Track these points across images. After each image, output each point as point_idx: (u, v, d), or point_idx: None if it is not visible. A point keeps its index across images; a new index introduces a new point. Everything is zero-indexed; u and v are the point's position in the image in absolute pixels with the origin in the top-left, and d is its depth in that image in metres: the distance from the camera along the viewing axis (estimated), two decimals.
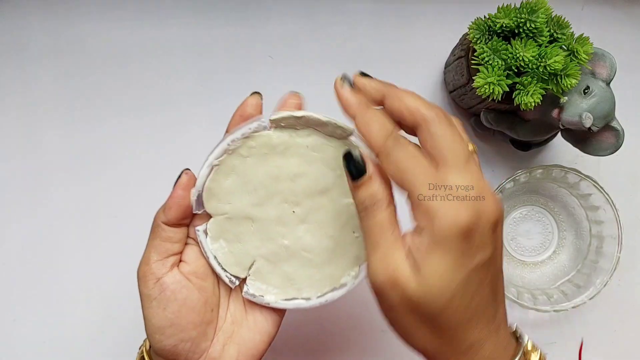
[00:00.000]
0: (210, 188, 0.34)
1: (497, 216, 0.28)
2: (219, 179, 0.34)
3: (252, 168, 0.34)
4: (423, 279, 0.27)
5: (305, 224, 0.35)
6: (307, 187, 0.34)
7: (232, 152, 0.34)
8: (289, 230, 0.35)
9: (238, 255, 0.35)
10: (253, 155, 0.34)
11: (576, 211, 0.53)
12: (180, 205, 0.33)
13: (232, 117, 0.35)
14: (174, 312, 0.33)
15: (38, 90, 0.51)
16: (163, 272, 0.33)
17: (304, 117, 0.33)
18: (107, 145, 0.52)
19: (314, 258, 0.35)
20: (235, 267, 0.35)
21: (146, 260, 0.34)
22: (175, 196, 0.33)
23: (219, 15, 0.53)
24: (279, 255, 0.35)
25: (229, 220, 0.35)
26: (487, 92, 0.42)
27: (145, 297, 0.33)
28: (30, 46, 0.52)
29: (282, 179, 0.34)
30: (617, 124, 0.44)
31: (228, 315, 0.36)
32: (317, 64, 0.54)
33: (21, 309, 0.50)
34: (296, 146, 0.34)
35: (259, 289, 0.35)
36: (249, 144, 0.33)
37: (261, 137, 0.33)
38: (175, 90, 0.52)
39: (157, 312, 0.33)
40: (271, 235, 0.35)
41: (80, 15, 0.52)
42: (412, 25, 0.54)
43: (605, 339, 0.54)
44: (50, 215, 0.51)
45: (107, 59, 0.52)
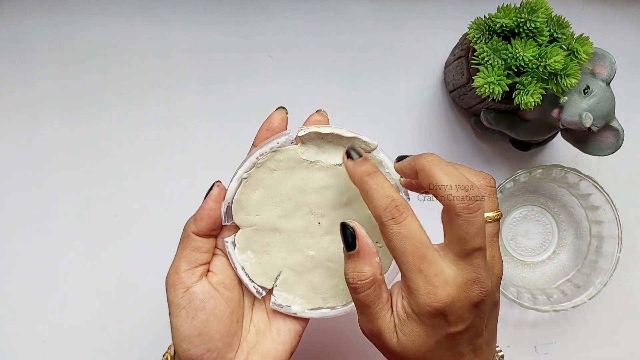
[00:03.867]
0: (239, 200, 0.35)
1: (481, 298, 0.30)
2: (247, 192, 0.35)
3: (279, 181, 0.35)
4: (400, 340, 0.31)
5: (330, 235, 0.36)
6: (331, 199, 0.35)
7: (261, 166, 0.35)
8: (315, 241, 0.36)
9: (265, 266, 0.36)
10: (280, 168, 0.35)
11: (576, 211, 0.53)
12: (211, 216, 0.34)
13: (258, 130, 0.36)
14: (202, 322, 0.33)
15: (38, 90, 0.51)
16: (192, 281, 0.34)
17: (330, 133, 0.34)
18: (107, 145, 0.52)
19: (338, 268, 0.36)
20: (262, 278, 0.36)
21: (175, 269, 0.34)
22: (207, 208, 0.34)
23: (219, 15, 0.53)
24: (304, 265, 0.36)
25: (257, 231, 0.36)
26: (487, 91, 0.42)
27: (174, 305, 0.34)
28: (30, 46, 0.52)
29: (308, 192, 0.35)
30: (617, 124, 0.44)
31: (251, 326, 0.36)
32: (317, 63, 0.54)
33: (21, 309, 0.50)
34: (322, 160, 0.35)
35: (286, 299, 0.36)
36: (277, 157, 0.35)
37: (288, 151, 0.35)
38: (175, 90, 0.52)
39: (186, 321, 0.33)
40: (297, 246, 0.36)
41: (81, 15, 0.52)
42: (412, 25, 0.54)
43: (605, 339, 0.54)
44: (50, 215, 0.51)
45: (107, 59, 0.52)
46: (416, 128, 0.54)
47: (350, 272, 0.31)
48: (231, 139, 0.53)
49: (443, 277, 0.30)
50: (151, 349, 0.50)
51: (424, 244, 0.30)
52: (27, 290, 0.50)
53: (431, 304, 0.30)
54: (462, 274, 0.30)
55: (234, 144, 0.53)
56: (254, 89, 0.53)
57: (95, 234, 0.51)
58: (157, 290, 0.50)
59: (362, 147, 0.35)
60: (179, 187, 0.52)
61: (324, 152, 0.35)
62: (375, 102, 0.54)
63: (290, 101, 0.53)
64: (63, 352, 0.50)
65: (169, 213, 0.51)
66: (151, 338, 0.50)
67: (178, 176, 0.52)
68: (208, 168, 0.52)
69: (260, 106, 0.53)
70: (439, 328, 0.30)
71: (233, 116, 0.53)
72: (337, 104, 0.53)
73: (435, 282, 0.30)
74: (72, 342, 0.50)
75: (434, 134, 0.54)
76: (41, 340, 0.50)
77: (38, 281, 0.50)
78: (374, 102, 0.54)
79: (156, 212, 0.51)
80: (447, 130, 0.54)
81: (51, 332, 0.50)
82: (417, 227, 0.30)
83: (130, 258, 0.51)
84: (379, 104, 0.54)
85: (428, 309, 0.30)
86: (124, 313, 0.50)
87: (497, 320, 0.34)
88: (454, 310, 0.30)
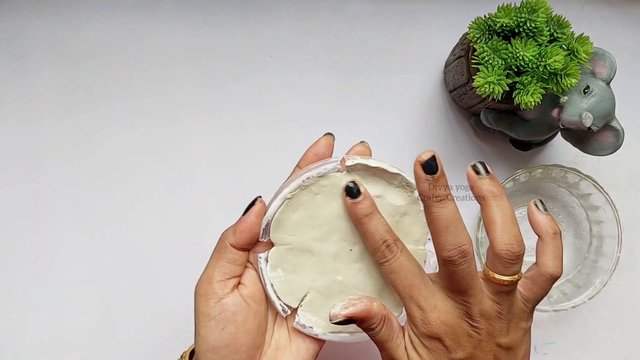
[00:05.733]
0: (278, 219, 0.36)
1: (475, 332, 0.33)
2: (287, 212, 0.36)
3: (320, 205, 0.36)
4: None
5: (359, 263, 0.37)
6: None
7: (305, 189, 0.36)
8: (344, 267, 0.37)
9: (293, 285, 0.37)
10: (323, 193, 0.36)
11: (576, 211, 0.53)
12: (251, 231, 0.35)
13: (305, 153, 0.38)
14: (231, 334, 0.34)
15: (37, 89, 0.51)
16: (225, 292, 0.34)
17: (376, 167, 0.35)
18: (107, 144, 0.52)
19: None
20: (289, 297, 0.37)
21: (209, 279, 0.35)
22: (249, 222, 0.35)
23: (219, 15, 0.53)
24: (331, 289, 0.37)
25: (290, 251, 0.36)
26: (487, 91, 0.42)
27: (204, 315, 0.34)
28: (29, 45, 0.52)
29: (346, 219, 0.36)
30: (617, 123, 0.44)
31: (273, 341, 0.37)
32: (317, 63, 0.54)
33: (21, 308, 0.50)
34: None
35: (309, 320, 0.37)
36: (321, 182, 0.36)
37: (334, 177, 0.36)
38: (175, 90, 0.52)
39: (215, 332, 0.34)
40: (327, 270, 0.37)
41: (80, 14, 0.52)
42: (412, 25, 0.54)
43: (605, 339, 0.54)
44: (50, 214, 0.51)
45: (107, 58, 0.52)
46: (416, 128, 0.54)
47: (365, 326, 0.34)
48: (231, 138, 0.53)
49: (433, 301, 0.33)
50: (151, 348, 0.50)
51: (413, 273, 0.33)
52: (27, 290, 0.50)
53: (425, 327, 0.33)
54: (451, 302, 0.33)
55: (233, 143, 0.53)
56: (254, 89, 0.53)
57: (95, 233, 0.51)
58: (158, 290, 0.51)
59: (402, 185, 0.36)
60: (179, 186, 0.52)
61: (366, 183, 0.36)
62: (375, 102, 0.54)
63: (290, 101, 0.53)
64: (63, 352, 0.50)
65: (169, 211, 0.51)
66: (151, 337, 0.50)
67: (178, 175, 0.52)
68: (208, 167, 0.52)
69: (260, 106, 0.53)
70: (440, 353, 0.33)
71: (233, 115, 0.53)
72: (337, 103, 0.54)
73: (425, 307, 0.33)
74: (72, 342, 0.50)
75: (434, 134, 0.54)
76: (41, 340, 0.50)
77: (38, 281, 0.50)
78: (374, 102, 0.54)
79: (156, 211, 0.51)
80: (447, 130, 0.54)
81: (51, 332, 0.50)
82: (406, 260, 0.34)
83: (130, 257, 0.51)
84: (379, 104, 0.54)
85: (424, 331, 0.33)
86: (124, 312, 0.50)
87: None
88: (448, 335, 0.33)
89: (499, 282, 0.33)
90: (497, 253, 0.32)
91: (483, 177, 0.34)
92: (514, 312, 0.34)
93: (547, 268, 0.34)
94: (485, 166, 0.34)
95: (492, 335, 0.33)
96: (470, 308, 0.33)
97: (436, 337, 0.33)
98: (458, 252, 0.32)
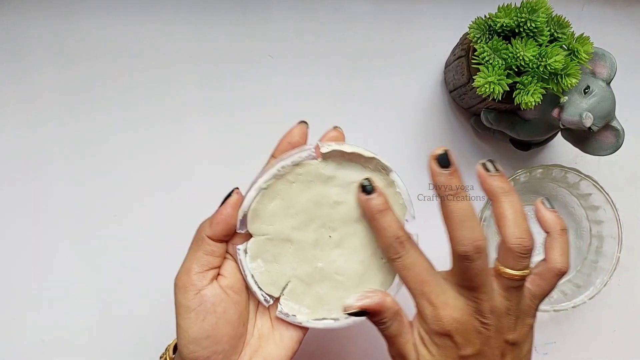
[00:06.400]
0: (255, 210, 0.35)
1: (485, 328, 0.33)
2: (264, 202, 0.36)
3: (296, 193, 0.36)
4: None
5: (339, 248, 0.37)
6: (344, 215, 0.36)
7: (280, 178, 0.35)
8: (325, 253, 0.37)
9: (274, 275, 0.37)
10: (299, 181, 0.36)
11: (576, 211, 0.53)
12: (227, 222, 0.35)
13: (279, 142, 0.37)
14: (212, 325, 0.34)
15: (37, 89, 0.51)
16: (204, 284, 0.34)
17: (351, 152, 0.35)
18: (107, 144, 0.52)
19: (345, 281, 0.37)
20: (270, 287, 0.37)
21: (187, 270, 0.35)
22: (225, 213, 0.35)
23: (219, 14, 0.53)
24: (312, 277, 0.37)
25: (269, 241, 0.36)
26: (487, 91, 0.42)
27: (184, 307, 0.34)
28: (29, 44, 0.52)
29: (323, 206, 0.36)
30: (617, 123, 0.44)
31: (255, 330, 0.37)
32: (317, 63, 0.54)
33: (21, 309, 0.50)
34: (340, 177, 0.36)
35: (292, 308, 0.37)
36: (297, 171, 0.36)
37: (309, 165, 0.36)
38: (175, 90, 0.52)
39: (195, 323, 0.34)
40: (307, 258, 0.37)
41: (80, 14, 0.52)
42: (412, 25, 0.54)
43: (605, 339, 0.54)
44: (50, 214, 0.51)
45: (107, 58, 0.52)
46: (416, 128, 0.54)
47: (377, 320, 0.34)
48: (231, 138, 0.53)
49: (444, 298, 0.33)
50: (151, 348, 0.50)
51: (425, 269, 0.34)
52: (27, 290, 0.50)
53: (435, 324, 0.33)
54: (462, 299, 0.33)
55: (233, 143, 0.53)
56: (254, 89, 0.53)
57: (95, 233, 0.51)
58: (158, 290, 0.50)
59: (379, 168, 0.36)
60: (178, 186, 0.52)
61: (342, 169, 0.36)
62: (375, 102, 0.54)
63: (290, 101, 0.53)
64: (63, 352, 0.50)
65: (169, 211, 0.51)
66: (151, 337, 0.50)
67: (178, 175, 0.52)
68: (208, 167, 0.52)
69: (260, 106, 0.53)
70: (449, 350, 0.33)
71: (233, 115, 0.53)
72: (337, 103, 0.53)
73: (437, 303, 0.33)
74: (72, 341, 0.50)
75: (434, 134, 0.54)
76: (41, 340, 0.50)
77: (38, 281, 0.50)
78: (373, 102, 0.54)
79: (156, 211, 0.51)
80: (447, 130, 0.54)
81: (51, 332, 0.50)
82: (418, 256, 0.34)
83: (130, 257, 0.51)
84: (378, 104, 0.54)
85: (435, 328, 0.33)
86: (124, 312, 0.50)
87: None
88: (459, 332, 0.33)
89: (510, 277, 0.33)
90: (509, 247, 0.33)
91: (493, 174, 0.34)
92: (521, 309, 0.34)
93: (555, 263, 0.35)
94: (494, 164, 0.34)
95: (500, 332, 0.33)
96: (482, 305, 0.33)
97: (446, 334, 0.33)
98: (473, 247, 0.32)
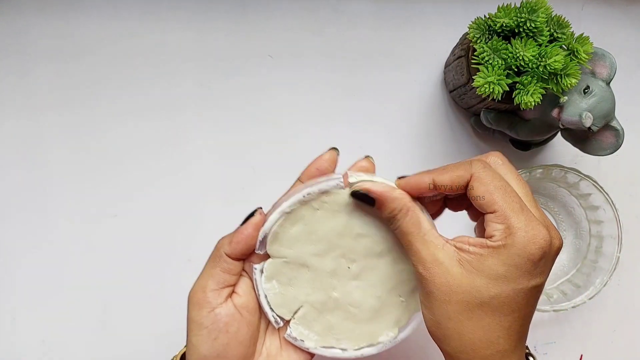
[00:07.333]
0: (276, 232, 0.35)
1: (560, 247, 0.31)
2: (286, 225, 0.35)
3: (320, 221, 0.35)
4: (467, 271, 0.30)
5: (357, 280, 0.36)
6: (366, 248, 0.36)
7: (305, 204, 0.35)
8: (341, 284, 0.36)
9: (287, 298, 0.36)
10: (324, 209, 0.35)
11: (576, 211, 0.53)
12: (247, 242, 0.34)
13: (307, 167, 0.36)
14: (223, 344, 0.34)
15: (38, 90, 0.51)
16: (219, 302, 0.34)
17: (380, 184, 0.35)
18: (107, 145, 0.52)
19: (358, 314, 0.37)
20: (282, 309, 0.36)
21: (202, 287, 0.34)
22: (246, 233, 0.34)
23: (219, 14, 0.53)
24: (326, 305, 0.37)
25: (287, 264, 0.36)
26: (487, 91, 0.42)
27: (196, 324, 0.34)
28: (30, 46, 0.52)
29: (345, 236, 0.35)
30: (617, 123, 0.44)
31: (264, 349, 0.37)
32: (317, 63, 0.54)
33: (21, 308, 0.50)
34: (366, 209, 0.35)
35: (301, 333, 0.37)
36: (323, 198, 0.35)
37: (336, 194, 0.35)
38: (175, 90, 0.52)
39: (207, 342, 0.33)
40: (323, 286, 0.36)
41: (80, 13, 0.52)
42: (412, 25, 0.54)
43: (605, 339, 0.54)
44: (50, 214, 0.51)
45: (107, 59, 0.52)
46: (416, 128, 0.54)
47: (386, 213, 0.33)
48: (231, 138, 0.53)
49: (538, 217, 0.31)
50: (151, 348, 0.50)
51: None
52: (27, 290, 0.50)
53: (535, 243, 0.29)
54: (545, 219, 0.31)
55: (234, 143, 0.53)
56: (254, 89, 0.53)
57: (95, 234, 0.51)
58: (158, 290, 0.50)
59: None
60: (179, 187, 0.52)
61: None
62: (375, 102, 0.54)
63: (289, 101, 0.53)
64: (63, 352, 0.50)
65: (169, 212, 0.51)
66: (151, 338, 0.50)
67: (178, 176, 0.52)
68: (208, 168, 0.52)
69: (260, 106, 0.53)
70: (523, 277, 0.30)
71: (233, 115, 0.53)
72: (336, 103, 0.53)
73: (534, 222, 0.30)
74: (72, 342, 0.50)
75: (434, 134, 0.54)
76: (41, 340, 0.50)
77: (38, 281, 0.50)
78: (373, 102, 0.54)
79: (156, 211, 0.51)
80: (447, 130, 0.54)
81: (51, 332, 0.50)
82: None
83: (130, 257, 0.51)
84: (378, 104, 0.54)
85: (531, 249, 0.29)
86: (123, 312, 0.50)
87: None
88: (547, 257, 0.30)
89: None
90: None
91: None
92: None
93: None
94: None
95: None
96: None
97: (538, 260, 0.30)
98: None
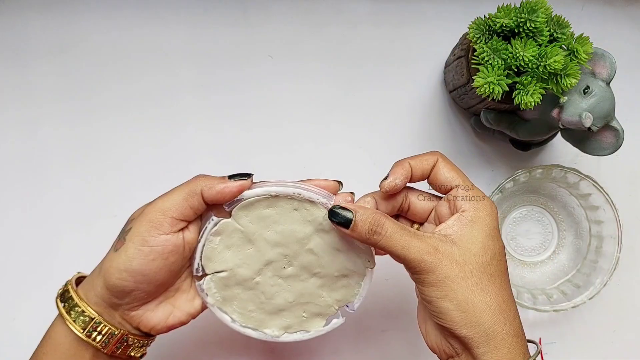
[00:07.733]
0: (251, 204, 0.37)
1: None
2: (262, 203, 0.37)
3: (289, 220, 0.37)
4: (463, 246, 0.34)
5: (282, 280, 0.39)
6: (308, 263, 0.38)
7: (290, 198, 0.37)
8: (269, 275, 0.39)
9: (219, 257, 0.38)
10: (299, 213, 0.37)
11: (576, 211, 0.53)
12: (226, 198, 0.36)
13: (313, 179, 0.38)
14: (156, 267, 0.35)
15: (37, 91, 0.51)
16: (172, 230, 0.35)
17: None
18: (107, 144, 0.52)
19: (264, 304, 0.39)
20: (209, 262, 0.38)
21: (163, 211, 0.35)
22: (230, 188, 0.35)
23: (219, 15, 0.53)
24: (245, 282, 0.39)
25: (239, 232, 0.38)
26: (487, 91, 0.42)
27: (142, 240, 0.34)
28: (30, 46, 0.52)
29: (300, 244, 0.38)
30: (617, 123, 0.44)
31: (178, 281, 0.38)
32: (317, 63, 0.54)
33: (21, 308, 0.50)
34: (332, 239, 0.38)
35: (210, 289, 0.39)
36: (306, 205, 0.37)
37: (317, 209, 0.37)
38: (175, 90, 0.52)
39: (143, 258, 0.34)
40: (254, 267, 0.38)
41: (80, 16, 0.52)
42: (412, 25, 0.54)
43: (605, 339, 0.54)
44: (50, 215, 0.51)
45: (107, 58, 0.52)
46: (416, 128, 0.54)
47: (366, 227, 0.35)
48: (230, 138, 0.53)
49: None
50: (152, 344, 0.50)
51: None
52: (27, 290, 0.50)
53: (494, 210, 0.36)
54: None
55: (234, 143, 0.53)
56: (254, 89, 0.53)
57: (95, 233, 0.51)
58: None
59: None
60: None
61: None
62: (375, 102, 0.54)
63: (289, 101, 0.53)
64: None
65: None
66: None
67: (178, 176, 0.52)
68: (209, 167, 0.52)
69: (260, 105, 0.53)
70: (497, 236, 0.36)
71: (233, 115, 0.53)
72: (336, 103, 0.53)
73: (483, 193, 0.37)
74: None
75: (434, 134, 0.54)
76: None
77: (38, 281, 0.50)
78: (373, 102, 0.54)
79: None
80: (447, 130, 0.54)
81: None
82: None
83: None
84: (378, 104, 0.54)
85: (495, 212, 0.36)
86: None
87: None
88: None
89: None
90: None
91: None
92: None
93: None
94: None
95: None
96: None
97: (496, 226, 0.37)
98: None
